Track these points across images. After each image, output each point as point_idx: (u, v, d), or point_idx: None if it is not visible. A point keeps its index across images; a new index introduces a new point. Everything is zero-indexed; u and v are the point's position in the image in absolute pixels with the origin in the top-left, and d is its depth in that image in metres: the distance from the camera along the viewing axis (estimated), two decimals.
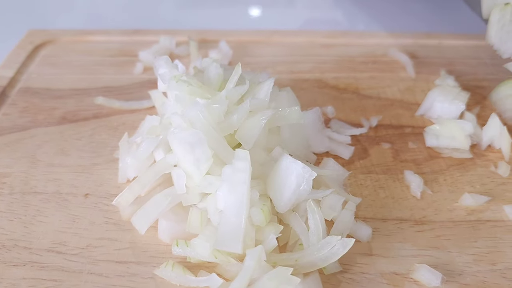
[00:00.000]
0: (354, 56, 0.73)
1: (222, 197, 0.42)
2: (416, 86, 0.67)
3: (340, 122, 0.59)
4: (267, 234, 0.42)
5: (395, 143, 0.58)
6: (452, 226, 0.48)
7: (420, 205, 0.50)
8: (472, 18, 0.75)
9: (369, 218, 0.49)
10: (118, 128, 0.59)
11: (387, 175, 0.53)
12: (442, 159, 0.56)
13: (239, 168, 0.42)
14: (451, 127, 0.55)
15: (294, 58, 0.72)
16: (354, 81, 0.67)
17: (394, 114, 0.62)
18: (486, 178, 0.54)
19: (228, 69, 0.59)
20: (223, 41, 0.72)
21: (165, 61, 0.55)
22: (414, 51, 0.74)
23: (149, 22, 0.83)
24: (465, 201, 0.50)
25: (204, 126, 0.46)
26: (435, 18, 0.88)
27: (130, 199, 0.48)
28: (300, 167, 0.43)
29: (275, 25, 0.82)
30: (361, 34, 0.77)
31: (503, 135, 0.56)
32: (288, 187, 0.44)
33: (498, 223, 0.49)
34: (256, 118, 0.47)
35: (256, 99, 0.50)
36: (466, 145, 0.55)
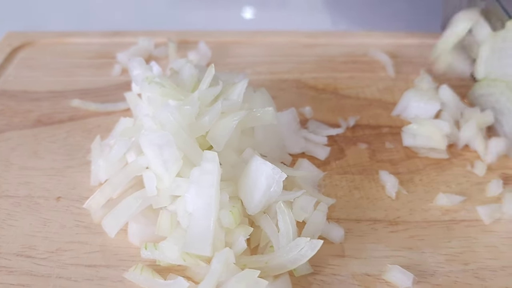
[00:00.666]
0: (334, 56, 0.72)
1: (190, 199, 0.42)
2: (395, 86, 0.66)
3: (317, 123, 0.59)
4: (236, 236, 0.42)
5: (372, 143, 0.57)
6: (426, 226, 0.48)
7: (395, 206, 0.50)
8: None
9: (343, 219, 0.48)
10: (93, 131, 0.58)
11: (363, 175, 0.53)
12: (419, 158, 0.55)
13: (207, 170, 0.42)
14: (428, 127, 0.55)
15: (274, 59, 0.71)
16: (333, 81, 0.67)
17: (372, 114, 0.62)
18: (462, 178, 0.53)
19: (205, 71, 0.58)
20: (202, 42, 0.72)
21: (139, 62, 0.55)
22: (394, 51, 0.74)
23: (142, 23, 0.82)
24: (440, 201, 0.50)
25: (174, 128, 0.45)
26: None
27: (101, 202, 0.47)
28: (270, 169, 0.43)
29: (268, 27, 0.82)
30: (342, 34, 0.77)
31: (479, 135, 0.55)
32: (259, 189, 0.43)
33: (472, 223, 0.48)
34: (228, 120, 0.47)
35: (228, 100, 0.49)
36: (442, 145, 0.55)
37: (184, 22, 0.84)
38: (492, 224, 0.48)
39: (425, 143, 0.55)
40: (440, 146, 0.55)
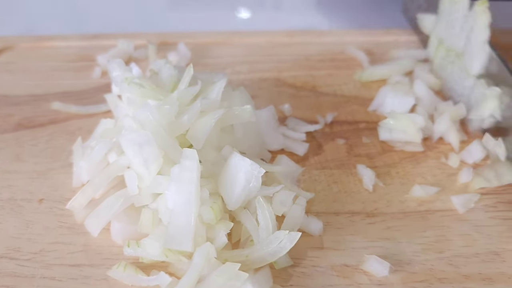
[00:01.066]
0: (312, 55, 0.74)
1: (171, 196, 0.43)
2: (372, 82, 0.68)
3: (296, 120, 0.60)
4: (217, 232, 0.43)
5: (350, 139, 0.59)
6: (402, 217, 0.49)
7: (372, 198, 0.51)
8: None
9: (321, 213, 0.49)
10: (75, 133, 0.59)
11: (341, 170, 0.54)
12: (395, 152, 0.57)
13: (186, 167, 0.43)
14: (403, 121, 0.57)
15: (253, 58, 0.72)
16: (311, 79, 0.68)
17: (349, 110, 0.63)
18: (436, 170, 0.55)
19: (184, 71, 0.59)
20: (181, 43, 0.73)
21: (118, 64, 0.55)
22: (371, 48, 0.76)
23: (139, 25, 0.83)
24: (416, 192, 0.51)
25: (154, 127, 0.46)
26: None
27: (83, 202, 0.48)
28: (248, 164, 0.44)
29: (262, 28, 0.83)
30: (319, 32, 0.78)
31: (452, 128, 0.57)
32: (238, 185, 0.44)
33: (447, 213, 0.50)
34: (207, 118, 0.48)
35: (207, 99, 0.50)
36: (417, 138, 0.56)
37: (178, 24, 0.84)
38: (465, 213, 0.50)
39: (400, 137, 0.57)
40: (415, 139, 0.56)
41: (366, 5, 0.91)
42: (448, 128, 0.57)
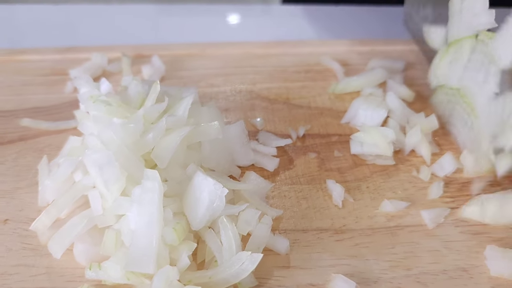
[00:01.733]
0: (287, 66, 0.73)
1: (132, 218, 0.42)
2: (346, 94, 0.68)
3: (268, 134, 0.60)
4: (180, 253, 0.42)
5: (321, 152, 0.58)
6: (371, 233, 0.49)
7: (341, 214, 0.51)
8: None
9: (290, 230, 0.49)
10: (44, 150, 0.58)
11: (311, 185, 0.54)
12: (366, 166, 0.57)
13: (148, 189, 0.42)
14: (374, 134, 0.56)
15: (227, 70, 0.72)
16: (285, 91, 0.68)
17: (322, 123, 0.63)
18: (407, 183, 0.55)
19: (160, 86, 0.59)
20: (155, 56, 0.72)
21: (86, 80, 0.55)
22: (347, 58, 0.75)
23: (129, 36, 0.82)
24: (385, 207, 0.51)
25: (118, 147, 0.45)
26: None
27: (47, 223, 0.47)
28: (211, 184, 0.43)
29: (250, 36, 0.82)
30: (295, 43, 0.78)
31: (424, 141, 0.57)
32: (201, 204, 0.44)
33: (416, 228, 0.50)
34: (172, 136, 0.48)
35: (173, 116, 0.50)
36: (388, 152, 0.56)
37: (164, 33, 0.84)
38: (435, 228, 0.50)
39: (372, 151, 0.57)
40: (386, 153, 0.56)
41: (367, 16, 0.91)
42: (420, 141, 0.57)
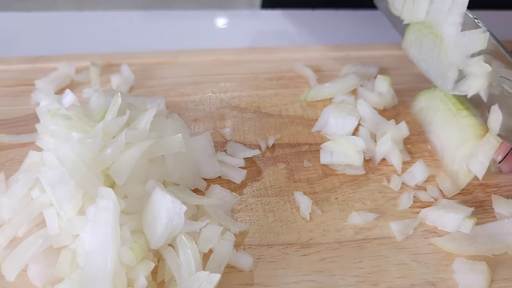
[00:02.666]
0: (259, 73, 0.72)
1: (87, 238, 0.41)
2: (319, 101, 0.66)
3: (237, 144, 0.59)
4: (138, 273, 0.41)
5: (291, 163, 0.57)
6: (338, 247, 0.48)
7: (309, 227, 0.50)
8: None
9: (255, 245, 0.48)
10: (5, 165, 0.56)
11: (278, 197, 0.53)
12: (336, 176, 0.55)
13: (102, 207, 0.41)
14: (344, 143, 0.55)
15: (198, 78, 0.71)
16: (256, 99, 0.67)
17: (293, 131, 0.61)
18: (377, 194, 0.53)
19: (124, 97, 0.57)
20: (124, 65, 0.71)
21: (46, 93, 0.54)
22: (320, 64, 0.74)
23: (99, 44, 0.80)
24: (353, 219, 0.50)
25: (73, 163, 0.44)
26: None
27: (2, 243, 0.45)
28: (169, 201, 0.42)
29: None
30: (268, 49, 0.77)
31: (394, 150, 0.56)
32: (160, 222, 0.43)
33: (385, 241, 0.48)
34: (131, 151, 0.46)
35: (134, 130, 0.48)
36: (358, 161, 0.55)
37: (141, 38, 0.82)
38: (404, 240, 0.49)
39: (341, 160, 0.55)
40: (356, 162, 0.55)
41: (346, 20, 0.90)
42: (390, 149, 0.56)
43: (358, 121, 0.59)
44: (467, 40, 0.50)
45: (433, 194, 0.53)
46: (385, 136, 0.56)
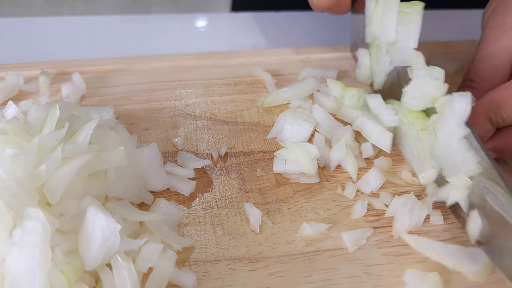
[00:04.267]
0: (216, 78, 0.70)
1: (12, 263, 0.38)
2: (276, 107, 0.65)
3: (188, 154, 0.56)
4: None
5: (243, 172, 0.55)
6: (288, 260, 0.46)
7: (258, 240, 0.48)
8: None
9: (201, 261, 0.46)
10: None
11: (228, 209, 0.51)
12: (290, 185, 0.54)
13: (29, 229, 0.38)
14: (297, 151, 0.53)
15: (153, 85, 0.68)
16: (212, 106, 0.65)
17: (247, 139, 0.59)
18: (331, 202, 0.52)
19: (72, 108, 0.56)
20: (76, 73, 0.68)
21: None
22: (280, 68, 0.72)
23: (70, 51, 0.77)
24: (304, 231, 0.48)
25: (3, 182, 0.42)
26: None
27: None
28: (103, 220, 0.40)
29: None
30: (226, 54, 0.75)
31: (348, 156, 0.54)
32: (94, 242, 0.40)
33: (336, 252, 0.47)
34: (67, 167, 0.44)
35: (72, 144, 0.46)
36: (312, 169, 0.53)
37: (100, 45, 0.80)
38: (356, 251, 0.47)
39: (295, 168, 0.54)
40: (309, 170, 0.53)
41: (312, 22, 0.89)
42: (345, 155, 0.54)
43: (314, 127, 0.58)
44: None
45: (387, 201, 0.51)
46: (339, 142, 0.55)
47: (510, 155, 0.55)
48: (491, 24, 0.58)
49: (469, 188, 0.46)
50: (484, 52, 0.57)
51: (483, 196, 0.45)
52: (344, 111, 0.60)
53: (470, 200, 0.47)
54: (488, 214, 0.44)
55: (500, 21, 0.57)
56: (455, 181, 0.47)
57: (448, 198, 0.48)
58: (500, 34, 0.56)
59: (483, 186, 0.45)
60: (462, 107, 0.47)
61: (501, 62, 0.56)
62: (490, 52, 0.56)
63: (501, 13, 0.57)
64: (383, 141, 0.55)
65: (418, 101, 0.53)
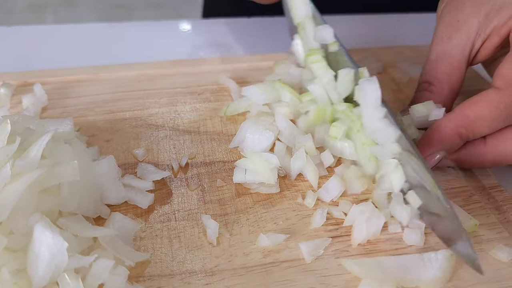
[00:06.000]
0: (181, 87, 0.69)
1: None
2: (240, 115, 0.64)
3: (148, 165, 0.56)
4: None
5: (204, 183, 0.55)
6: (244, 273, 0.45)
7: (215, 253, 0.47)
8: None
9: (156, 276, 0.45)
10: None
11: (186, 221, 0.50)
12: (250, 195, 0.53)
13: None
14: (256, 160, 0.53)
15: (117, 96, 0.68)
16: (175, 116, 0.64)
17: (209, 149, 0.59)
18: (291, 212, 0.51)
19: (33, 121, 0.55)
20: (37, 84, 0.67)
21: None
22: (246, 75, 0.72)
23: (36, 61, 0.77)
24: (262, 242, 0.48)
25: None
26: None
27: None
28: (49, 238, 0.39)
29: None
30: (193, 61, 0.74)
31: (309, 165, 0.54)
32: (42, 260, 0.40)
33: (294, 263, 0.46)
34: (16, 183, 0.43)
35: (23, 159, 0.45)
36: (272, 179, 0.53)
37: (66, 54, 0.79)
38: (314, 261, 0.47)
39: (254, 178, 0.53)
40: (269, 180, 0.53)
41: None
42: (305, 164, 0.54)
43: (276, 136, 0.57)
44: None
45: (346, 209, 0.51)
46: (300, 150, 0.54)
47: (471, 166, 0.56)
48: (444, 21, 0.57)
49: (399, 165, 0.48)
50: (439, 51, 0.57)
51: (407, 170, 0.48)
52: (300, 123, 0.60)
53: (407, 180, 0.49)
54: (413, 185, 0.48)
55: (453, 18, 0.56)
56: (388, 166, 0.49)
57: (392, 186, 0.49)
58: (453, 31, 0.56)
59: (405, 159, 0.48)
60: (372, 91, 0.50)
61: (456, 60, 0.55)
62: (446, 50, 0.56)
63: (453, 9, 0.57)
64: (344, 151, 0.55)
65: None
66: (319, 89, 0.58)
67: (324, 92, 0.58)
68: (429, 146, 0.52)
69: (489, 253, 0.48)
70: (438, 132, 0.51)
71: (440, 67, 0.56)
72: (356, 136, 0.54)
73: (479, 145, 0.52)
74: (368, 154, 0.52)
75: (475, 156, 0.52)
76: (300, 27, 0.65)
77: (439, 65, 0.56)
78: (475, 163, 0.53)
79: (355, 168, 0.54)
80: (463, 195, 0.54)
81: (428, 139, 0.52)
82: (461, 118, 0.51)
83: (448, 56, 0.56)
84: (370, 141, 0.52)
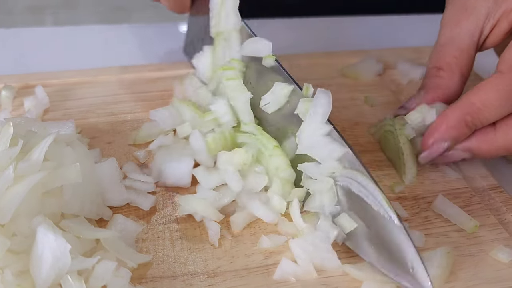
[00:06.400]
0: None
1: None
2: None
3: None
4: None
5: None
6: (246, 274, 0.46)
7: (217, 254, 0.47)
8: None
9: (158, 277, 0.45)
10: None
11: (188, 223, 0.51)
12: None
13: None
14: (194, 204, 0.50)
15: (117, 98, 0.68)
16: None
17: None
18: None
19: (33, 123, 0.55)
20: (39, 86, 0.67)
21: None
22: None
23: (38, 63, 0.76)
24: (263, 243, 0.48)
25: None
26: None
27: None
28: (52, 240, 0.40)
29: None
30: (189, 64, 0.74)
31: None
32: (45, 262, 0.40)
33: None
34: (19, 186, 0.43)
35: (25, 162, 0.45)
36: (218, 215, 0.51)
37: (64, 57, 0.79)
38: None
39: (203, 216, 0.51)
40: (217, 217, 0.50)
41: None
42: None
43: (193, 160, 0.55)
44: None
45: None
46: None
47: (484, 156, 0.54)
48: (453, 6, 0.57)
49: (333, 185, 0.48)
50: (447, 35, 0.56)
51: (348, 188, 0.47)
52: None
53: (338, 199, 0.48)
54: (354, 206, 0.47)
55: (462, 3, 0.56)
56: (320, 184, 0.48)
57: (317, 206, 0.49)
58: (462, 16, 0.56)
59: (347, 177, 0.47)
60: (323, 104, 0.48)
61: (465, 44, 0.55)
62: (455, 35, 0.56)
63: None
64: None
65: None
66: (222, 107, 0.56)
67: (228, 111, 0.56)
68: (436, 134, 0.51)
69: (489, 254, 0.48)
70: (445, 121, 0.51)
71: (449, 51, 0.55)
72: (268, 161, 0.52)
73: (489, 132, 0.51)
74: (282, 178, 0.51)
75: (486, 143, 0.52)
76: (221, 38, 0.61)
77: (448, 49, 0.56)
78: (486, 151, 0.52)
79: None
80: (463, 196, 0.54)
81: (435, 129, 0.52)
82: (467, 106, 0.50)
83: (457, 41, 0.55)
84: (286, 165, 0.51)
